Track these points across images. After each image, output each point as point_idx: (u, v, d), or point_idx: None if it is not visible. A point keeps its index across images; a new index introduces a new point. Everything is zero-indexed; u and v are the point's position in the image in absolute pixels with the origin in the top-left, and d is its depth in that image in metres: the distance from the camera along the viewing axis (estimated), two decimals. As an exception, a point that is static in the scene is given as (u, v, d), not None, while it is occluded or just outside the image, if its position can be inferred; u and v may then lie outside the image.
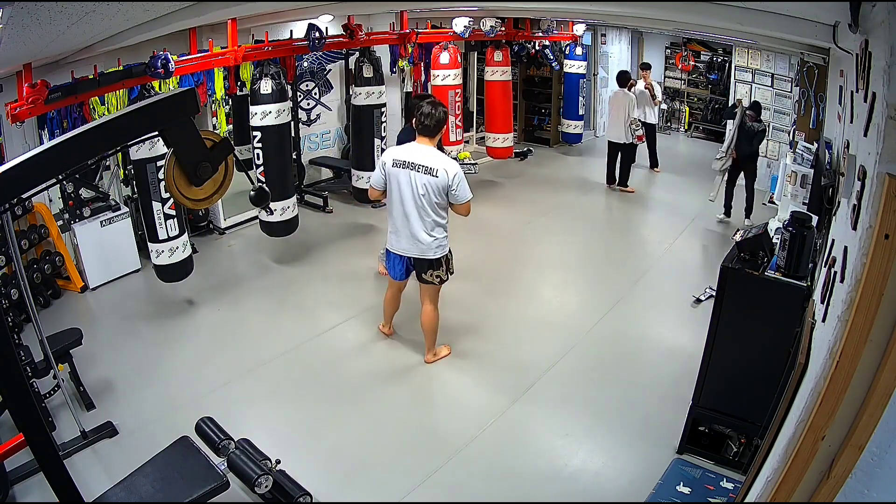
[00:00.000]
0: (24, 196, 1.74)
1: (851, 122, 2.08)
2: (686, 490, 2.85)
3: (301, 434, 3.31)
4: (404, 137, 4.44)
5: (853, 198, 1.60)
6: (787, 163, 4.99)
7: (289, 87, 5.17)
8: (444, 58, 6.82)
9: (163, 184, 4.00)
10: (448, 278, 3.70)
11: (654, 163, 8.29)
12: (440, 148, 4.72)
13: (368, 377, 3.79)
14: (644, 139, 7.49)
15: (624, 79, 7.26)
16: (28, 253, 4.52)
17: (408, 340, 4.10)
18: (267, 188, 2.51)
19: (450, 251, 3.67)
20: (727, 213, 6.42)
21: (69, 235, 4.83)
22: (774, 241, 2.89)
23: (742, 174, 6.23)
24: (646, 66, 8.23)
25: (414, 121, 3.62)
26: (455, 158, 5.62)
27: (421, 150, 3.44)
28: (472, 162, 6.41)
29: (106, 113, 4.26)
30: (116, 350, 4.03)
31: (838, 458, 1.42)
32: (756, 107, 6.44)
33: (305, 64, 6.71)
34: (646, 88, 7.75)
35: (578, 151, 9.36)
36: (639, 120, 7.32)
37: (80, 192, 4.79)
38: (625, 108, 7.07)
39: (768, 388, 2.34)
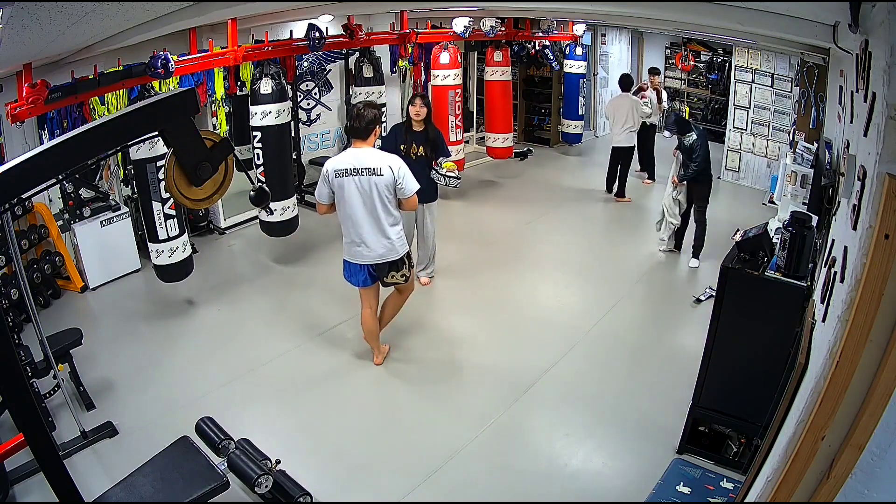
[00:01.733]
0: (24, 196, 1.74)
1: (851, 122, 2.08)
2: (686, 490, 2.85)
3: (301, 434, 3.31)
4: (385, 145, 4.41)
5: (853, 198, 1.61)
6: (787, 163, 4.99)
7: (289, 87, 5.17)
8: (444, 58, 6.82)
9: (163, 184, 4.00)
10: (412, 274, 3.67)
11: (649, 173, 7.79)
12: (443, 149, 4.70)
13: (369, 377, 3.79)
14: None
15: (627, 82, 7.02)
16: (28, 253, 4.52)
17: (408, 340, 4.11)
18: (267, 188, 2.51)
19: (408, 250, 3.63)
20: (676, 244, 5.52)
21: (69, 235, 4.83)
22: (774, 241, 2.89)
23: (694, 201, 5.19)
24: (654, 72, 7.80)
25: (345, 125, 3.56)
26: (440, 168, 5.10)
27: (360, 154, 3.33)
28: (454, 175, 4.84)
29: (106, 113, 4.26)
30: (116, 350, 4.03)
31: (838, 458, 1.42)
32: (681, 122, 5.08)
33: (305, 64, 6.70)
34: (654, 90, 7.43)
35: (578, 151, 9.36)
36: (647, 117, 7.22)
37: (80, 192, 4.79)
38: (629, 112, 6.83)
39: (768, 388, 2.34)
